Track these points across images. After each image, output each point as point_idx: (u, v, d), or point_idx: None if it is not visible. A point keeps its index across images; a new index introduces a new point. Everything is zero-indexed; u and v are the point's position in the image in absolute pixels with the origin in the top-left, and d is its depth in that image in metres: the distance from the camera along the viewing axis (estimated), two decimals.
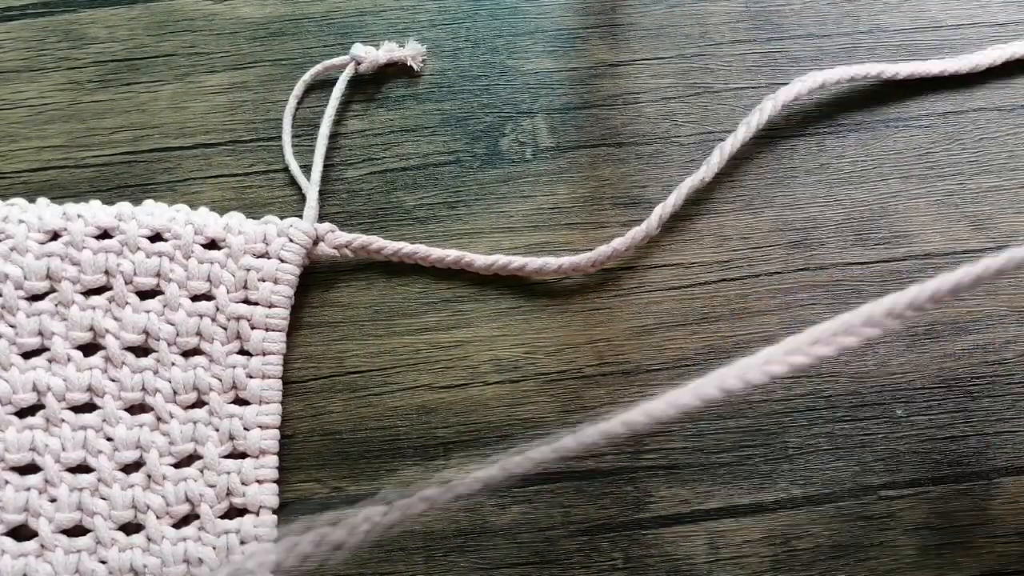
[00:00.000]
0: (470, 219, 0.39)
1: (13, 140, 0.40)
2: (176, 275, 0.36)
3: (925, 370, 0.37)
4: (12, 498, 0.34)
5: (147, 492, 0.34)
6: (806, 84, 0.39)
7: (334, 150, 0.40)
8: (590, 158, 0.40)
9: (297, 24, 0.42)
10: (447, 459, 0.36)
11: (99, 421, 0.35)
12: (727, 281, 0.38)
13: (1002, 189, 0.39)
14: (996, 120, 0.40)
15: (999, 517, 0.35)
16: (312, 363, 0.37)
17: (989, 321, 0.38)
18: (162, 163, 0.40)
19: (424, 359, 0.37)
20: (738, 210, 0.39)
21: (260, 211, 0.38)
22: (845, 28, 0.42)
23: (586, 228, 0.39)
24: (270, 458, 0.35)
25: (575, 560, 0.35)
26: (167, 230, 0.36)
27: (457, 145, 0.40)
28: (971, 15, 0.42)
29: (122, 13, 0.42)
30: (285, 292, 0.36)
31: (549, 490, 0.36)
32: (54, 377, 0.35)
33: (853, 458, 0.36)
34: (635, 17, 0.42)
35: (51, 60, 0.41)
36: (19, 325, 0.35)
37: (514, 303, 0.38)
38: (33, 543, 0.34)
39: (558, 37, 0.42)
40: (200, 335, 0.36)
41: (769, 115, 0.38)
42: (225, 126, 0.40)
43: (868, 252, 0.38)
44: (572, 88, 0.41)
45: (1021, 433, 0.36)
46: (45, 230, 0.36)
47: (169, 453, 0.35)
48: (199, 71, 0.41)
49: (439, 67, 0.41)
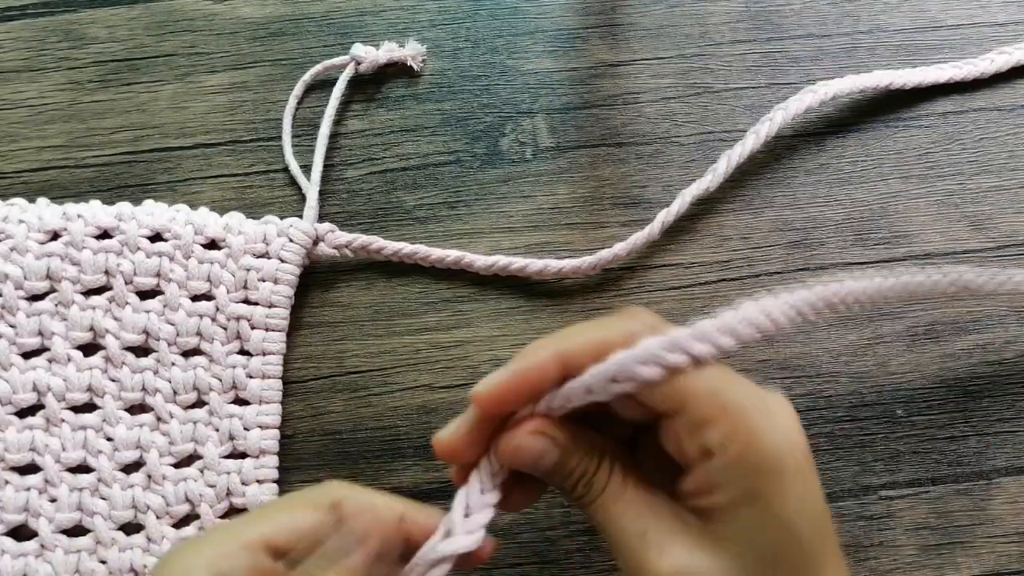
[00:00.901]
0: (470, 219, 0.39)
1: (13, 140, 0.40)
2: (176, 275, 0.36)
3: (925, 370, 0.37)
4: (12, 498, 0.34)
5: (147, 492, 0.34)
6: (817, 96, 0.39)
7: (334, 150, 0.40)
8: (590, 158, 0.40)
9: (297, 24, 0.42)
10: None
11: (99, 421, 0.35)
12: (727, 281, 0.38)
13: (1002, 189, 0.39)
14: (996, 120, 0.40)
15: (999, 517, 0.35)
16: (312, 363, 0.37)
17: (989, 321, 0.38)
18: (162, 163, 0.40)
19: (424, 359, 0.37)
20: (738, 210, 0.39)
21: (260, 211, 0.38)
22: (845, 28, 0.42)
23: (586, 228, 0.39)
24: (270, 458, 0.35)
25: (575, 560, 0.35)
26: (167, 230, 0.36)
27: (457, 145, 0.40)
28: (971, 15, 0.42)
29: (122, 13, 0.42)
30: (285, 292, 0.36)
31: (549, 490, 0.36)
32: (54, 377, 0.35)
33: (853, 458, 0.36)
34: (635, 17, 0.42)
35: (51, 60, 0.41)
36: (19, 325, 0.35)
37: (514, 303, 0.38)
38: (33, 543, 0.34)
39: (558, 37, 0.42)
40: (200, 335, 0.36)
41: (780, 126, 0.38)
42: (225, 126, 0.40)
43: (868, 252, 0.38)
44: (572, 88, 0.41)
45: (1021, 433, 0.36)
46: (45, 230, 0.36)
47: (169, 453, 0.35)
48: (199, 71, 0.41)
49: (439, 67, 0.41)
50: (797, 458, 0.24)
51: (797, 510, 0.23)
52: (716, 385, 0.24)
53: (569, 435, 0.26)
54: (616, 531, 0.25)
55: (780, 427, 0.24)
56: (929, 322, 0.37)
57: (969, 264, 0.38)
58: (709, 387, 0.24)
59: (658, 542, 0.24)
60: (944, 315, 0.38)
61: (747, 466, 0.23)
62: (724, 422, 0.24)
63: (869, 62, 0.41)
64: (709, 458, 0.24)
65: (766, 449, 0.23)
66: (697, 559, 0.24)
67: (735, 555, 0.24)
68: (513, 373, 0.25)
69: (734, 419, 0.24)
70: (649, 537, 0.24)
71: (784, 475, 0.23)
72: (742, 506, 0.24)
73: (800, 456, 0.24)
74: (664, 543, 0.24)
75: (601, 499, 0.25)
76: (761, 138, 0.38)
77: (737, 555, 0.24)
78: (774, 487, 0.23)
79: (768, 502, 0.23)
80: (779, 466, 0.23)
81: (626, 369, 0.23)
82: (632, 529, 0.25)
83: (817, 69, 0.41)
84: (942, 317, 0.37)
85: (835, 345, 0.37)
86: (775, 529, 0.23)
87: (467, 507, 0.26)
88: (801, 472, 0.24)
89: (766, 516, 0.23)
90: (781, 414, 0.24)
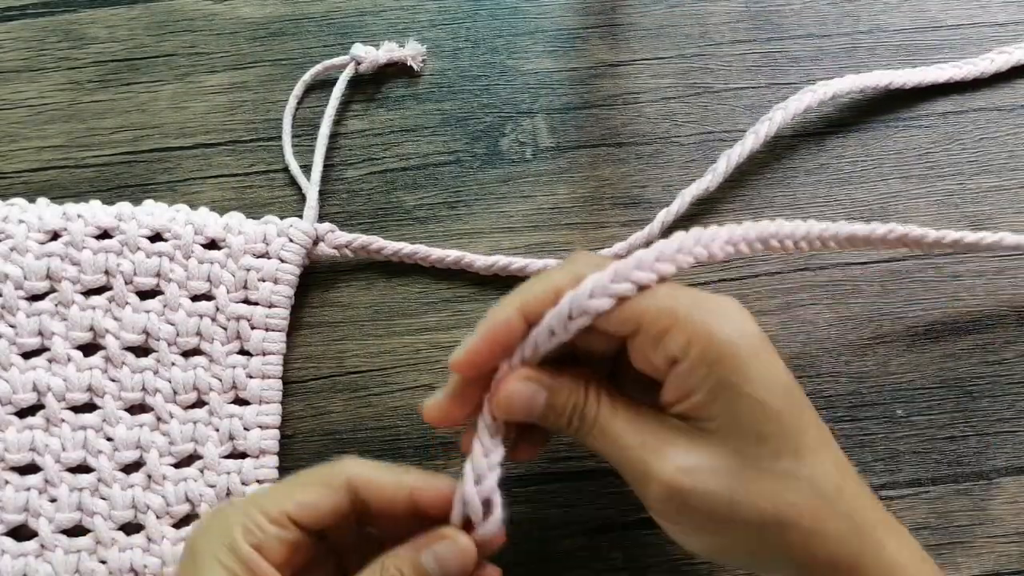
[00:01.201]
0: (470, 219, 0.39)
1: (13, 140, 0.40)
2: (176, 275, 0.36)
3: (925, 370, 0.37)
4: (12, 498, 0.34)
5: (147, 492, 0.34)
6: (816, 96, 0.39)
7: (334, 150, 0.40)
8: (590, 158, 0.40)
9: (297, 24, 0.42)
10: (447, 459, 0.36)
11: (99, 421, 0.35)
12: (727, 281, 0.38)
13: (1002, 189, 0.39)
14: (996, 120, 0.40)
15: (999, 517, 0.35)
16: (312, 363, 0.37)
17: (989, 321, 0.38)
18: (162, 163, 0.40)
19: (424, 359, 0.37)
20: (738, 210, 0.39)
21: (260, 211, 0.38)
22: (845, 28, 0.42)
23: (586, 228, 0.39)
24: (270, 458, 0.35)
25: (575, 560, 0.35)
26: (167, 230, 0.36)
27: (457, 145, 0.40)
28: (971, 15, 0.42)
29: (122, 13, 0.42)
30: (285, 292, 0.36)
31: (549, 490, 0.36)
32: (54, 377, 0.35)
33: (853, 458, 0.36)
34: (635, 17, 0.42)
35: (51, 60, 0.41)
36: (19, 325, 0.35)
37: None
38: (33, 543, 0.34)
39: (558, 37, 0.42)
40: (200, 335, 0.36)
41: (779, 126, 0.38)
42: (225, 126, 0.40)
43: (868, 252, 0.38)
44: (572, 88, 0.41)
45: (1021, 433, 0.36)
46: (45, 230, 0.36)
47: (169, 453, 0.35)
48: (199, 71, 0.41)
49: (439, 67, 0.41)
50: (752, 342, 0.26)
51: (764, 387, 0.26)
52: (665, 300, 0.27)
53: (552, 375, 0.28)
54: (616, 450, 0.27)
55: (730, 320, 0.27)
56: (929, 322, 0.37)
57: (969, 264, 0.38)
58: (660, 304, 0.27)
59: (656, 449, 0.27)
60: (944, 315, 0.38)
61: (710, 361, 0.26)
62: (678, 330, 0.26)
63: (869, 62, 0.41)
64: (676, 365, 0.26)
65: (722, 341, 0.26)
66: (693, 456, 0.26)
67: (724, 443, 0.26)
68: (482, 335, 0.28)
69: (687, 324, 0.26)
70: (647, 446, 0.27)
71: (743, 359, 0.26)
72: (717, 399, 0.26)
73: (755, 340, 0.27)
74: (661, 448, 0.27)
75: (596, 425, 0.28)
76: (761, 138, 0.38)
77: (725, 442, 0.26)
78: (738, 372, 0.26)
79: (737, 387, 0.26)
80: (736, 351, 0.26)
81: (578, 305, 0.26)
82: (630, 443, 0.27)
83: (817, 69, 0.41)
84: (942, 317, 0.37)
85: (835, 345, 0.37)
86: (750, 409, 0.26)
87: (477, 469, 0.27)
88: (758, 353, 0.26)
89: (739, 400, 0.26)
90: (730, 308, 0.27)
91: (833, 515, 0.26)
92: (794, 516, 0.26)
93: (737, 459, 0.26)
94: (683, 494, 0.26)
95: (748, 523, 0.26)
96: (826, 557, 0.26)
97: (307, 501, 0.27)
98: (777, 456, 0.26)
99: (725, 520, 0.26)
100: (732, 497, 0.26)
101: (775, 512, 0.26)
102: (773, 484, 0.26)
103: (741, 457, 0.26)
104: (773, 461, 0.26)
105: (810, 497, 0.26)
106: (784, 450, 0.26)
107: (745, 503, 0.26)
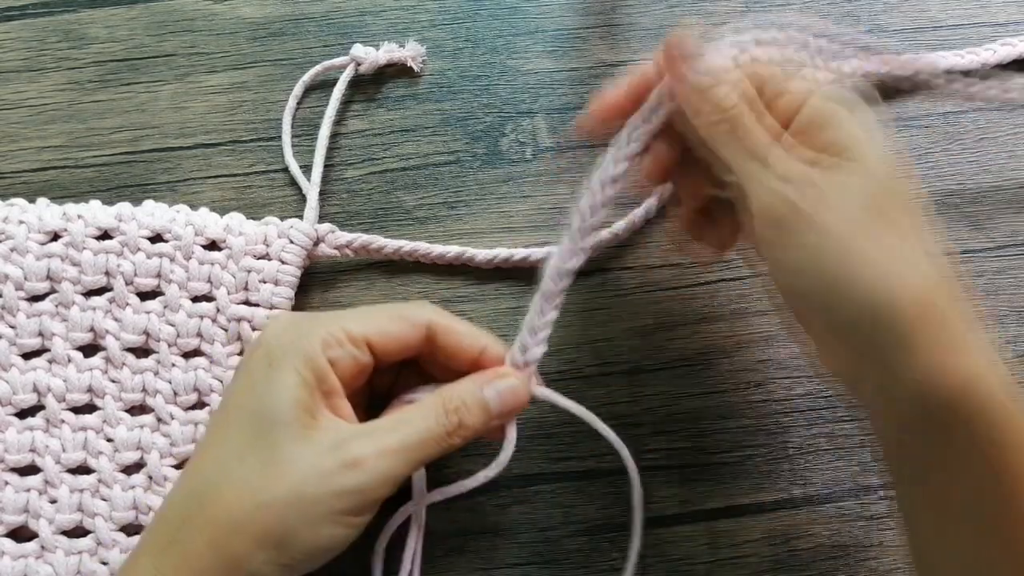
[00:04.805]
0: (470, 219, 0.39)
1: (13, 140, 0.40)
2: (176, 276, 0.36)
3: None
4: (12, 499, 0.34)
5: (148, 493, 0.34)
6: None
7: (334, 150, 0.40)
8: (590, 158, 0.40)
9: (297, 24, 0.42)
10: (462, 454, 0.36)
11: (99, 422, 0.35)
12: (727, 281, 0.38)
13: (1002, 189, 0.39)
14: (996, 120, 0.40)
15: None
16: None
17: (989, 321, 0.38)
18: (162, 163, 0.40)
19: None
20: None
21: (260, 211, 0.38)
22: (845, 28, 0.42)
23: None
24: None
25: (575, 560, 0.35)
26: (167, 231, 0.36)
27: (457, 145, 0.40)
28: (971, 15, 0.42)
29: (122, 13, 0.42)
30: (286, 294, 0.36)
31: (549, 490, 0.36)
32: (54, 378, 0.35)
33: (853, 458, 0.36)
34: (635, 17, 0.42)
35: (51, 60, 0.41)
36: (19, 326, 0.35)
37: (514, 303, 0.38)
38: (33, 544, 0.34)
39: (558, 37, 0.42)
40: (201, 336, 0.36)
41: None
42: (225, 126, 0.40)
43: None
44: (572, 88, 0.41)
45: None
46: (45, 231, 0.36)
47: (170, 454, 0.35)
48: (199, 71, 0.41)
49: (439, 67, 0.41)
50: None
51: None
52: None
53: None
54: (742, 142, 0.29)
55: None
56: None
57: (969, 264, 0.38)
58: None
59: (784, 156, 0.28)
60: None
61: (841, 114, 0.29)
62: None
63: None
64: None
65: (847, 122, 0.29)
66: (817, 174, 0.28)
67: (861, 168, 0.28)
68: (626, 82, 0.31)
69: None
70: (774, 147, 0.28)
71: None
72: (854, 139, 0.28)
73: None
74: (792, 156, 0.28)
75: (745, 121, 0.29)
76: None
77: (859, 168, 0.28)
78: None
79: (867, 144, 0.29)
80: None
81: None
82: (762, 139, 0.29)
83: None
84: None
85: None
86: (879, 158, 0.29)
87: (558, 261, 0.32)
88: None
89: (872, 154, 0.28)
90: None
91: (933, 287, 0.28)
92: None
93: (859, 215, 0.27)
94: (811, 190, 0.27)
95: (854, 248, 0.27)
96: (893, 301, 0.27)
97: (390, 331, 0.29)
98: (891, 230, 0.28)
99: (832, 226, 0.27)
100: (856, 219, 0.27)
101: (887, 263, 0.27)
102: (889, 253, 0.27)
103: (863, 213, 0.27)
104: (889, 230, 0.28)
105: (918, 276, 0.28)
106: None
107: (860, 235, 0.27)
